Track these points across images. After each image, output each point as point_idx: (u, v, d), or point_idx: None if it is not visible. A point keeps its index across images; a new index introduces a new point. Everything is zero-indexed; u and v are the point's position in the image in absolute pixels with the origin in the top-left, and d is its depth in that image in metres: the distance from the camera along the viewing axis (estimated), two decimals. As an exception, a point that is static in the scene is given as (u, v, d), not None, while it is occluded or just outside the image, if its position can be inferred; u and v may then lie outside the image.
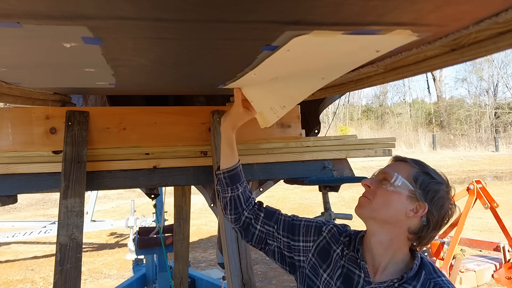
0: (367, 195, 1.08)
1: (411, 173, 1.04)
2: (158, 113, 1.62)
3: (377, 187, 1.06)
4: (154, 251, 3.48)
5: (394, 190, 1.03)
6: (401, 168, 1.06)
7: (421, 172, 1.05)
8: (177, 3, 0.52)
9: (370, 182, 1.08)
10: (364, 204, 1.07)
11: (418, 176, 1.04)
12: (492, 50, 0.63)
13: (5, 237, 6.36)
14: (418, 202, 1.02)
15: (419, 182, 1.03)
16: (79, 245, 1.34)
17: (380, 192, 1.04)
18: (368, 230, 1.10)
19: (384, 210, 1.04)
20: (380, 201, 1.04)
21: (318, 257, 1.17)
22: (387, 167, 1.09)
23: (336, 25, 0.63)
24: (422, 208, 1.02)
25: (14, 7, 0.52)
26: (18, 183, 1.44)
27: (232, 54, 0.84)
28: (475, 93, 33.58)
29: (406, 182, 1.03)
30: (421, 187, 1.03)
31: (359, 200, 1.09)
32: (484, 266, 4.73)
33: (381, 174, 1.09)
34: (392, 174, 1.04)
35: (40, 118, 1.49)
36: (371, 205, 1.05)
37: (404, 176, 1.04)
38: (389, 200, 1.03)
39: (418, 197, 1.02)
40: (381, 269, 1.06)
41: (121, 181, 1.54)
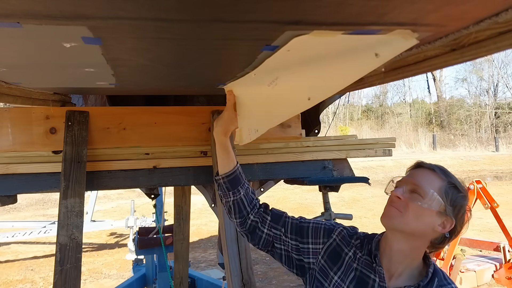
0: (398, 207, 1.04)
1: (442, 188, 1.03)
2: (158, 113, 1.61)
3: (409, 200, 1.03)
4: (154, 251, 3.48)
5: (427, 207, 1.02)
6: (431, 180, 1.04)
7: (450, 186, 1.04)
8: (177, 3, 0.52)
9: (401, 194, 1.05)
10: (394, 216, 1.04)
11: (448, 191, 1.03)
12: (492, 50, 0.63)
13: (5, 237, 6.36)
14: (446, 217, 1.03)
15: (449, 197, 1.03)
16: (79, 245, 1.34)
17: (413, 207, 1.02)
18: (390, 238, 1.08)
19: (414, 224, 1.03)
20: (412, 216, 1.02)
21: (328, 259, 1.16)
22: (417, 178, 1.06)
23: (336, 25, 0.63)
24: (449, 223, 1.03)
25: (14, 7, 0.52)
26: (18, 183, 1.44)
27: (232, 54, 0.84)
28: (475, 93, 33.60)
29: (440, 200, 1.02)
30: (451, 202, 1.03)
31: (388, 210, 1.06)
32: (484, 266, 4.72)
33: (411, 184, 1.05)
34: (426, 189, 1.02)
35: (40, 118, 1.49)
36: (402, 218, 1.03)
37: (436, 191, 1.03)
38: (421, 215, 1.02)
39: (447, 212, 1.02)
40: (397, 275, 1.08)
41: (121, 181, 1.54)
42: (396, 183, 1.11)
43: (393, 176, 1.16)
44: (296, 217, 1.27)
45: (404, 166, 12.94)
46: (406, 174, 1.12)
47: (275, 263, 5.94)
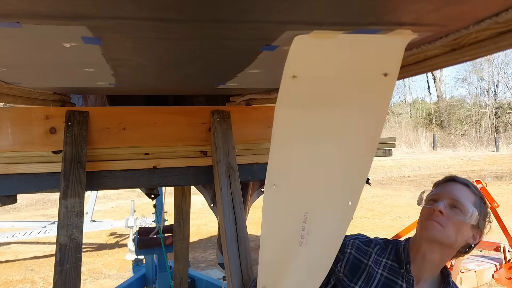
0: (440, 221, 1.09)
1: (476, 203, 1.11)
2: (158, 113, 1.61)
3: (450, 215, 1.09)
4: (154, 251, 3.47)
5: (468, 222, 1.08)
6: (467, 195, 1.11)
7: (480, 200, 1.13)
8: (177, 3, 0.52)
9: (444, 208, 1.09)
10: (437, 229, 1.09)
11: (480, 206, 1.12)
12: (493, 50, 0.63)
13: (5, 237, 6.35)
14: (478, 230, 1.11)
15: (481, 212, 1.11)
16: (79, 245, 1.33)
17: (455, 222, 1.08)
18: (425, 248, 1.12)
19: (454, 237, 1.09)
20: (453, 230, 1.08)
21: (348, 273, 1.17)
22: (456, 193, 1.11)
23: (336, 25, 0.63)
24: (479, 235, 1.12)
25: (14, 7, 0.52)
26: (18, 183, 1.44)
27: (232, 54, 0.84)
28: (475, 93, 33.60)
29: (477, 215, 1.09)
30: (482, 216, 1.11)
31: (430, 224, 1.10)
32: (485, 266, 4.73)
33: (451, 200, 1.10)
34: (467, 205, 1.09)
35: (40, 118, 1.49)
36: (444, 232, 1.08)
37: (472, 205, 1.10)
38: (461, 230, 1.09)
39: (479, 226, 1.11)
40: (422, 281, 1.14)
41: (121, 181, 1.54)
42: (432, 196, 1.15)
43: (424, 189, 1.20)
44: None
45: (404, 166, 13.04)
46: (437, 187, 1.17)
47: None
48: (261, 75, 1.10)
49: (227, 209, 1.48)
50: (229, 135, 1.59)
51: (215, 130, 1.59)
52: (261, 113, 1.74)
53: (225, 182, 1.51)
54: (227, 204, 1.49)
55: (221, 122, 1.60)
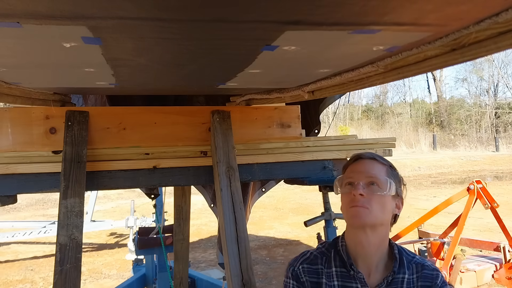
0: (364, 204, 1.06)
1: (388, 173, 1.10)
2: (158, 113, 1.61)
3: (370, 194, 1.06)
4: (154, 251, 3.47)
5: (387, 194, 1.07)
6: (378, 168, 1.10)
7: (391, 168, 1.12)
8: (177, 3, 0.52)
9: (363, 190, 1.06)
10: (364, 214, 1.05)
11: (393, 173, 1.11)
12: (493, 50, 0.63)
13: (5, 237, 6.35)
14: (398, 197, 1.11)
15: (396, 179, 1.10)
16: (79, 245, 1.33)
17: (376, 199, 1.06)
18: (359, 237, 1.09)
19: (381, 215, 1.07)
20: (378, 208, 1.06)
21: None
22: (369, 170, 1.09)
23: (336, 25, 0.63)
24: (401, 203, 1.11)
25: (14, 7, 0.52)
26: (18, 183, 1.44)
27: (232, 54, 0.84)
28: (475, 93, 33.62)
29: (393, 184, 1.08)
30: (398, 182, 1.10)
31: (355, 211, 1.07)
32: (485, 266, 4.72)
33: (366, 178, 1.08)
34: (382, 178, 1.07)
35: (40, 118, 1.49)
36: (372, 214, 1.05)
37: (385, 175, 1.08)
38: (384, 203, 1.07)
39: (398, 193, 1.10)
40: (374, 269, 1.10)
41: (121, 181, 1.53)
42: (346, 181, 1.12)
43: (338, 178, 1.17)
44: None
45: (404, 166, 13.07)
46: (347, 170, 1.14)
47: (275, 263, 5.94)
48: (261, 75, 1.10)
49: (227, 209, 1.48)
50: (229, 135, 1.59)
51: (215, 130, 1.59)
52: (261, 113, 1.74)
53: (225, 182, 1.51)
54: (227, 204, 1.49)
55: (221, 122, 1.60)
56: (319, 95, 1.38)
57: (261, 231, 7.76)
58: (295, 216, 8.89)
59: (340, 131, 23.21)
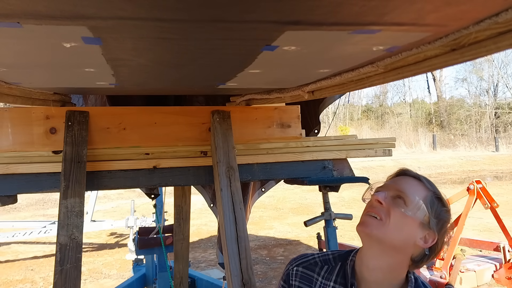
0: (378, 213, 0.93)
1: (427, 198, 0.94)
2: (158, 113, 1.61)
3: (391, 206, 0.92)
4: (154, 251, 3.47)
5: (411, 215, 0.91)
6: (416, 188, 0.95)
7: (436, 197, 0.95)
8: (177, 3, 0.52)
9: (383, 198, 0.93)
10: (373, 224, 0.93)
11: (433, 202, 0.94)
12: (493, 50, 0.63)
13: (5, 237, 6.35)
14: (429, 230, 0.93)
15: (434, 209, 0.93)
16: (79, 245, 1.33)
17: (395, 214, 0.91)
18: (366, 255, 0.97)
19: (396, 234, 0.91)
20: (393, 224, 0.91)
21: None
22: (401, 184, 0.96)
23: (336, 25, 0.63)
24: (431, 238, 0.93)
25: (14, 7, 0.52)
26: (18, 183, 1.44)
27: (232, 54, 0.84)
28: (475, 93, 33.64)
29: (425, 209, 0.92)
30: (435, 215, 0.93)
31: (365, 219, 0.95)
32: (484, 266, 4.72)
33: (394, 190, 0.95)
34: (411, 196, 0.92)
35: (40, 118, 1.49)
36: (382, 227, 0.91)
37: (421, 200, 0.93)
38: (404, 225, 0.91)
39: (431, 225, 0.92)
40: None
41: (121, 181, 1.54)
42: (376, 189, 1.00)
43: (372, 183, 1.05)
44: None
45: (404, 166, 13.04)
46: (387, 181, 1.03)
47: (275, 263, 5.94)
48: (261, 75, 1.10)
49: (227, 209, 1.48)
50: (229, 135, 1.59)
51: (215, 130, 1.59)
52: (261, 113, 1.74)
53: (225, 182, 1.51)
54: (227, 204, 1.49)
55: (221, 122, 1.60)
56: (319, 95, 1.38)
57: (261, 231, 7.76)
58: (295, 216, 8.89)
59: (340, 131, 23.21)
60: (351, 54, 0.85)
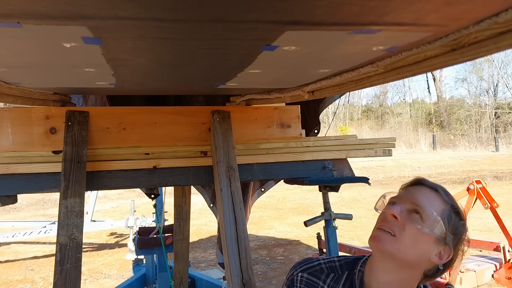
0: (392, 228, 0.88)
1: (445, 212, 0.89)
2: (158, 113, 1.62)
3: (407, 222, 0.88)
4: (154, 251, 3.47)
5: (428, 232, 0.87)
6: (433, 200, 0.90)
7: (453, 211, 0.91)
8: (177, 3, 0.52)
9: (399, 213, 0.89)
10: (387, 239, 0.88)
11: (451, 217, 0.90)
12: (492, 50, 0.63)
13: (5, 237, 6.35)
14: (445, 246, 0.89)
15: (451, 224, 0.89)
16: (79, 245, 1.33)
17: (411, 230, 0.87)
18: (377, 267, 0.94)
19: (410, 251, 0.87)
20: (408, 240, 0.87)
21: None
22: (418, 197, 0.91)
23: (336, 25, 0.63)
24: (447, 254, 0.89)
25: (14, 7, 0.52)
26: (18, 183, 1.44)
27: (232, 54, 0.84)
28: (475, 93, 33.66)
29: (442, 226, 0.88)
30: (453, 230, 0.89)
31: (378, 233, 0.90)
32: (484, 266, 4.72)
33: (410, 203, 0.90)
34: (428, 211, 0.88)
35: (40, 118, 1.49)
36: (397, 243, 0.87)
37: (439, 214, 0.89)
38: (419, 241, 0.88)
39: (447, 241, 0.88)
40: None
41: (121, 181, 1.54)
42: (390, 200, 0.96)
43: (385, 192, 1.00)
44: None
45: (404, 166, 13.05)
46: (402, 191, 0.98)
47: (275, 263, 5.94)
48: (261, 75, 1.10)
49: (227, 209, 1.48)
50: (229, 135, 1.59)
51: (215, 130, 1.59)
52: (261, 113, 1.74)
53: (225, 182, 1.51)
54: (227, 204, 1.49)
55: (221, 122, 1.60)
56: (319, 95, 1.38)
57: (261, 231, 7.76)
58: (295, 216, 8.89)
59: (340, 131, 23.21)
60: (351, 54, 0.85)
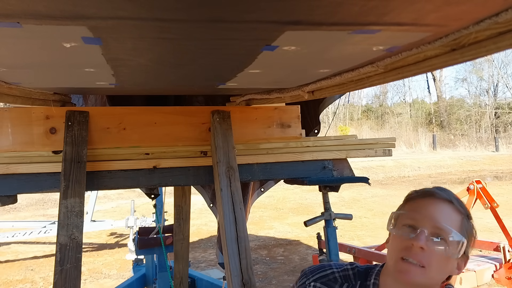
0: (421, 261, 0.83)
1: (463, 226, 0.87)
2: (158, 113, 1.62)
3: (433, 251, 0.84)
4: (154, 251, 3.47)
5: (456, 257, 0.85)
6: (452, 218, 0.86)
7: (467, 219, 0.88)
8: (177, 3, 0.52)
9: (425, 243, 0.83)
10: (418, 273, 0.83)
11: (467, 228, 0.88)
12: (492, 50, 0.63)
13: (5, 237, 6.35)
14: (464, 256, 0.88)
15: (468, 235, 0.87)
16: (79, 245, 1.33)
17: (437, 257, 0.84)
18: None
19: (438, 277, 0.86)
20: (436, 269, 0.84)
21: None
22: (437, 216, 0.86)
23: (336, 25, 0.63)
24: (463, 263, 0.89)
25: (14, 7, 0.52)
26: (18, 183, 1.44)
27: (232, 54, 0.84)
28: (475, 93, 33.67)
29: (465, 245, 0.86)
30: (469, 239, 0.88)
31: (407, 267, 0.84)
32: (484, 266, 4.72)
33: (432, 228, 0.85)
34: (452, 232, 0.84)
35: (40, 118, 1.49)
36: (426, 274, 0.83)
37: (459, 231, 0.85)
38: (445, 265, 0.85)
39: (466, 253, 0.88)
40: None
41: (121, 181, 1.54)
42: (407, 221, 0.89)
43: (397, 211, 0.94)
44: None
45: (404, 166, 13.02)
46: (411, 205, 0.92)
47: (275, 263, 5.94)
48: (261, 75, 1.10)
49: (227, 209, 1.48)
50: (229, 135, 1.59)
51: (215, 130, 1.59)
52: (261, 113, 1.74)
53: (225, 182, 1.51)
54: (227, 204, 1.49)
55: (221, 122, 1.60)
56: (319, 95, 1.38)
57: (261, 231, 7.76)
58: (295, 216, 8.89)
59: (340, 131, 23.22)
60: (351, 54, 0.85)
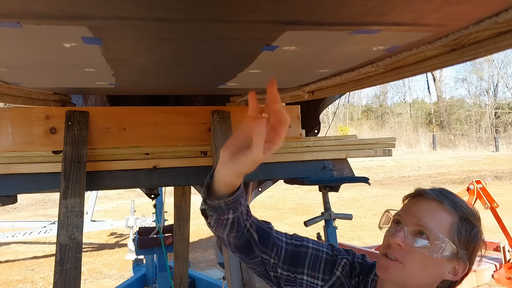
0: (398, 257, 0.83)
1: (453, 227, 0.82)
2: (158, 113, 1.62)
3: (413, 248, 0.82)
4: (154, 251, 3.48)
5: (437, 256, 0.81)
6: (439, 217, 0.83)
7: (463, 222, 0.83)
8: (177, 3, 0.52)
9: (402, 240, 0.82)
10: (394, 270, 0.83)
11: (461, 230, 0.83)
12: (492, 50, 0.63)
13: (5, 237, 6.35)
14: (459, 261, 0.84)
15: (462, 238, 0.83)
16: (79, 245, 1.33)
17: (417, 255, 0.82)
18: None
19: (420, 276, 0.83)
20: (416, 267, 0.82)
21: None
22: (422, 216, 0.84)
23: (336, 25, 0.63)
24: (462, 269, 0.84)
25: (14, 7, 0.52)
26: (18, 183, 1.44)
27: (232, 54, 0.84)
28: (475, 93, 33.67)
29: (452, 245, 0.82)
30: (465, 244, 0.83)
31: (385, 262, 0.84)
32: (484, 266, 4.72)
33: (414, 225, 0.84)
34: (435, 230, 0.81)
35: (40, 118, 1.49)
36: (404, 271, 0.82)
37: (446, 232, 0.82)
38: (429, 265, 0.82)
39: (460, 256, 0.83)
40: None
41: (121, 181, 1.54)
42: (395, 218, 0.90)
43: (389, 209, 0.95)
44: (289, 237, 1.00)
45: (404, 166, 13.08)
46: (404, 203, 0.92)
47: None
48: (261, 75, 1.10)
49: (227, 209, 1.48)
50: (229, 135, 1.59)
51: (215, 130, 1.59)
52: (261, 113, 1.74)
53: (225, 182, 1.51)
54: (227, 204, 1.48)
55: (221, 122, 1.60)
56: (319, 95, 1.38)
57: (261, 231, 7.74)
58: (295, 216, 8.89)
59: (340, 131, 23.22)
60: (351, 54, 0.85)
